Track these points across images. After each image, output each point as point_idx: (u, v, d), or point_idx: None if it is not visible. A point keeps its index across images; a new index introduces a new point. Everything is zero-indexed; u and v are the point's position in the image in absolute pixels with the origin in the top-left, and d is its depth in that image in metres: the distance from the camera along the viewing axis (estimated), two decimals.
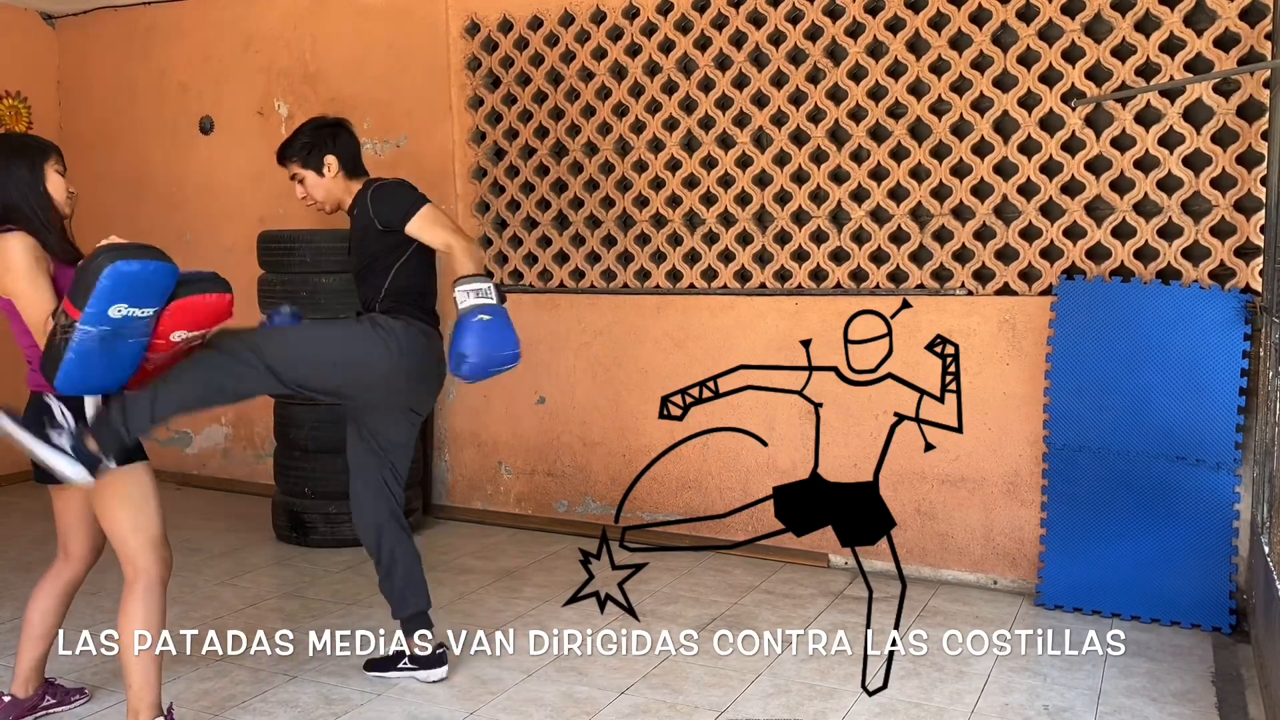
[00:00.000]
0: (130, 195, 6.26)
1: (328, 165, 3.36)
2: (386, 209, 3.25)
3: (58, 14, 6.39)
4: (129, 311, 2.54)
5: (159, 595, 2.83)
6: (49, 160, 2.79)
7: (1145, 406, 3.84)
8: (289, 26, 5.67)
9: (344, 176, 3.39)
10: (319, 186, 3.38)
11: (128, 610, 2.80)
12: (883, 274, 4.40)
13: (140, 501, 2.83)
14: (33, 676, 3.12)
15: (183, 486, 6.18)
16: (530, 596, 4.21)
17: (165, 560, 2.86)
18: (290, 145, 3.40)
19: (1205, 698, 3.26)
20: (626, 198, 4.87)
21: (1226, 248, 3.83)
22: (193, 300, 2.71)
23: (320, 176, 3.37)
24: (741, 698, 3.27)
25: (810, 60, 4.44)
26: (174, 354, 2.82)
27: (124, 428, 2.76)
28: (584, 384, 5.02)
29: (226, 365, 2.98)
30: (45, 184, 2.75)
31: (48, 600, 3.06)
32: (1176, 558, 3.79)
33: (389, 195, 3.28)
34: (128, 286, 2.51)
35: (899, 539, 4.39)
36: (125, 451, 2.78)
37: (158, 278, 2.59)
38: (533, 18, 5.01)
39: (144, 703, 2.84)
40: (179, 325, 2.72)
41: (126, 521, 2.80)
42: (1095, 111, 4.02)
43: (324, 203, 3.41)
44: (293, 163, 3.39)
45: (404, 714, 3.19)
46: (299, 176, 3.39)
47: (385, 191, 3.29)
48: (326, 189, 3.38)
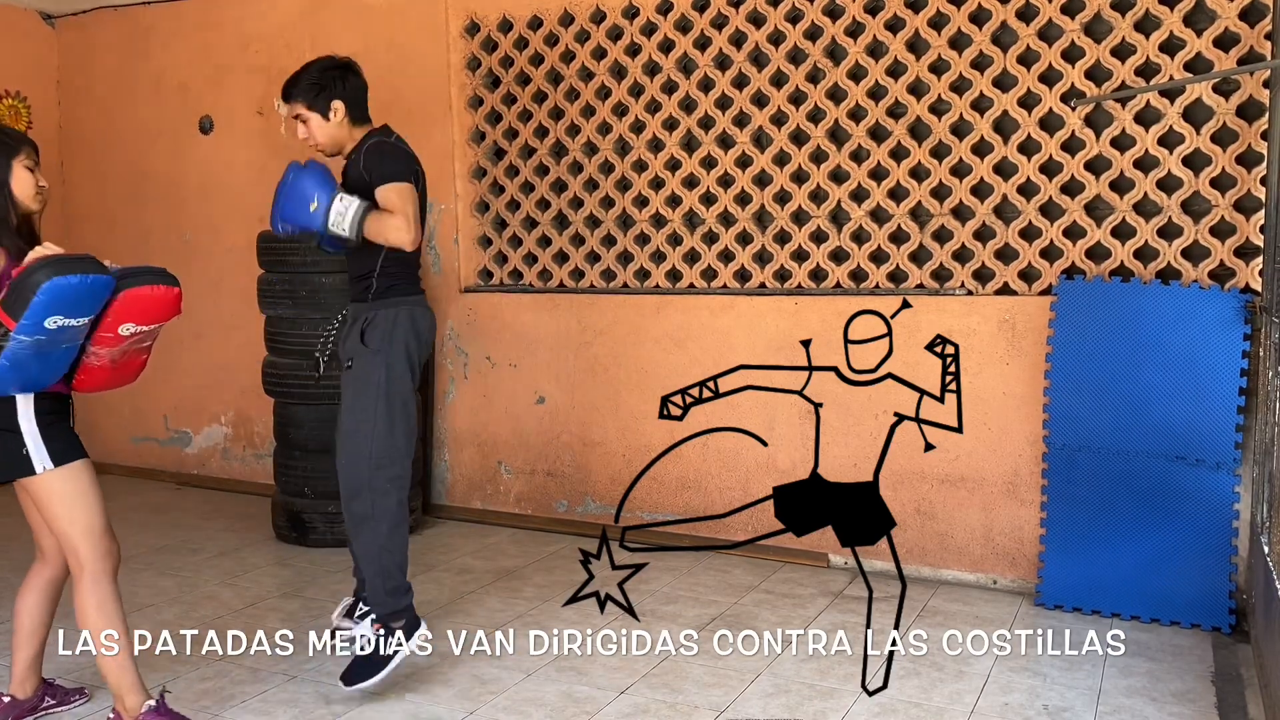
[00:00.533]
0: (130, 195, 6.26)
1: (334, 109, 3.29)
2: (371, 164, 3.22)
3: (57, 14, 6.39)
4: (64, 322, 2.62)
5: (105, 587, 2.87)
6: (18, 156, 2.81)
7: (1145, 406, 3.84)
8: (289, 26, 5.67)
9: (349, 122, 3.33)
10: (322, 129, 3.31)
11: (78, 605, 2.86)
12: (882, 274, 4.40)
13: (75, 496, 2.86)
14: (29, 676, 3.12)
15: (182, 486, 6.18)
16: (530, 596, 4.21)
17: (108, 552, 2.89)
18: (296, 84, 3.30)
19: (1205, 697, 3.26)
20: (626, 197, 4.87)
21: (1226, 248, 3.84)
22: (139, 293, 2.74)
23: (325, 120, 3.30)
24: (741, 697, 3.28)
25: (810, 60, 4.44)
26: (125, 349, 2.85)
27: (403, 628, 3.26)
28: (584, 384, 5.02)
29: (385, 513, 3.28)
30: (9, 179, 2.78)
31: (31, 598, 3.08)
32: (1176, 557, 3.79)
33: (379, 154, 3.25)
34: (64, 300, 2.58)
35: (899, 539, 4.40)
36: (61, 452, 2.84)
37: (94, 289, 2.65)
38: (532, 17, 5.01)
39: (124, 684, 2.89)
40: (128, 318, 2.75)
41: (64, 516, 2.84)
42: (1095, 111, 4.02)
43: (325, 146, 3.35)
44: (297, 103, 3.29)
45: (404, 714, 3.19)
46: (303, 117, 3.31)
47: (377, 150, 3.26)
48: (330, 134, 3.32)
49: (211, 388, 6.14)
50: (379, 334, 3.28)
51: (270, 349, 5.01)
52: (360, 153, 3.27)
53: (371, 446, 3.27)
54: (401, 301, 3.31)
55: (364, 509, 3.28)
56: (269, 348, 5.02)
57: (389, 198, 3.16)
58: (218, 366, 6.07)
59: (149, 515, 5.54)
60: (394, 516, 3.29)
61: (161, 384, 6.31)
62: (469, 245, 5.28)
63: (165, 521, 5.39)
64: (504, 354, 5.16)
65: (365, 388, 3.28)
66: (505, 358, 5.16)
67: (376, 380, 3.27)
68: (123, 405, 6.46)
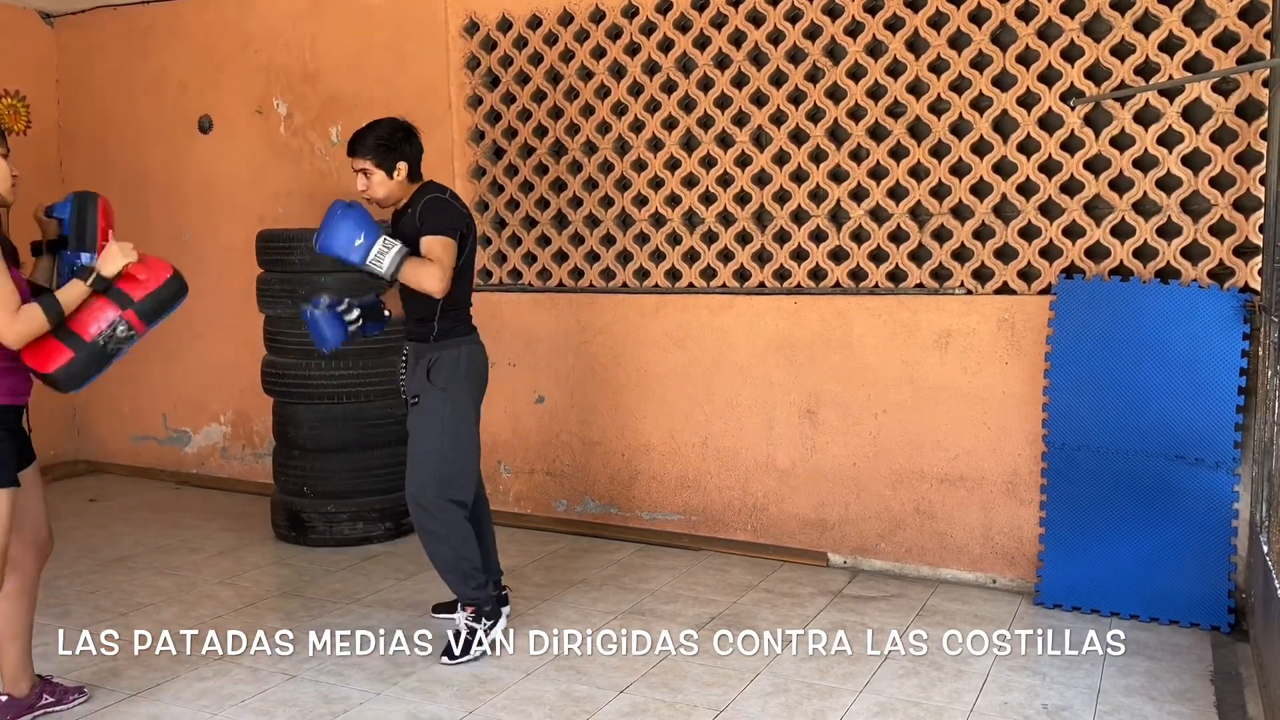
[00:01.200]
0: (129, 194, 6.25)
1: (399, 170, 3.53)
2: (425, 216, 3.49)
3: (57, 13, 6.39)
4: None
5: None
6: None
7: (1144, 405, 3.84)
8: (288, 25, 5.66)
9: (407, 180, 3.57)
10: (384, 185, 3.54)
11: None
12: (882, 273, 4.40)
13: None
14: (21, 675, 3.12)
15: (181, 485, 6.18)
16: (529, 596, 4.21)
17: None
18: (365, 140, 3.53)
19: (1204, 696, 3.26)
20: (625, 197, 4.87)
21: (1225, 247, 3.84)
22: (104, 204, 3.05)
23: (389, 178, 3.53)
24: (740, 697, 3.27)
25: (809, 59, 4.44)
26: None
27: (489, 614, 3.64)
28: (583, 383, 5.02)
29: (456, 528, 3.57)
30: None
31: (5, 605, 3.05)
32: (1175, 557, 3.80)
33: (432, 209, 3.51)
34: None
35: (899, 538, 4.40)
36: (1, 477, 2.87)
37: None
38: (532, 16, 5.01)
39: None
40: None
41: None
42: (1094, 111, 4.02)
43: (383, 200, 3.57)
44: (365, 159, 3.52)
45: (404, 713, 3.19)
46: (367, 172, 3.53)
47: (431, 205, 3.52)
48: (390, 189, 3.55)
49: (211, 387, 6.14)
50: (445, 373, 3.57)
51: (269, 348, 5.01)
52: (417, 207, 3.52)
53: (439, 472, 3.54)
54: (462, 342, 3.63)
55: (437, 527, 3.57)
56: (268, 347, 5.02)
57: (432, 247, 3.44)
58: (217, 366, 6.07)
59: (148, 514, 5.55)
60: (464, 529, 3.59)
61: (161, 383, 6.31)
62: None
63: (164, 521, 5.39)
64: (503, 353, 5.15)
65: (431, 420, 3.57)
66: (504, 357, 5.16)
67: (442, 415, 3.56)
68: (122, 404, 6.47)
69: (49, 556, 3.17)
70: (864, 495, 4.45)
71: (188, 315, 3.31)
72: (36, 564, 3.10)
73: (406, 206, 3.60)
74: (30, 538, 3.07)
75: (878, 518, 4.44)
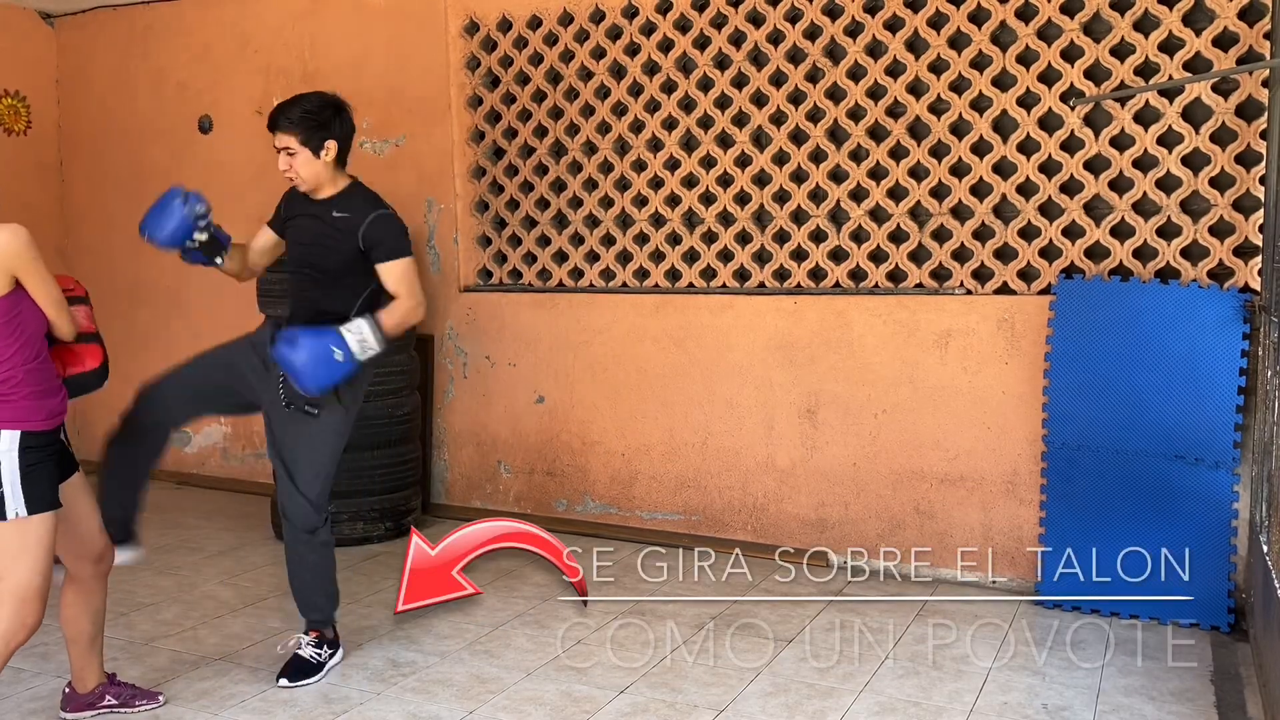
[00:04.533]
0: (129, 194, 6.24)
1: (327, 149, 3.23)
2: (379, 237, 3.22)
3: (57, 13, 6.39)
4: None
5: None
6: None
7: (1144, 405, 3.84)
8: (288, 25, 5.66)
9: (335, 164, 3.28)
10: (309, 166, 3.23)
11: None
12: (882, 273, 4.40)
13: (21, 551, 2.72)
14: (86, 672, 3.11)
15: (182, 485, 6.17)
16: (529, 595, 4.21)
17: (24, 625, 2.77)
18: (290, 114, 3.20)
19: (1204, 696, 3.26)
20: (625, 197, 4.87)
21: (1225, 247, 3.84)
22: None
23: (315, 157, 3.23)
24: (740, 697, 3.28)
25: (809, 59, 4.44)
26: None
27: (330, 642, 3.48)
28: (583, 383, 5.02)
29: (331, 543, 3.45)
30: None
31: (68, 611, 3.05)
32: (1175, 557, 3.79)
33: (389, 229, 3.25)
34: None
35: (899, 538, 4.40)
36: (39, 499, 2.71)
37: None
38: (532, 17, 5.01)
39: None
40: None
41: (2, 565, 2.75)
42: (1094, 111, 4.02)
43: (305, 182, 3.27)
44: (289, 134, 3.20)
45: (403, 713, 3.19)
46: (291, 150, 3.21)
47: (387, 224, 3.25)
48: (315, 171, 3.25)
49: None
50: (355, 388, 3.32)
51: None
52: (359, 217, 3.23)
53: (324, 493, 3.37)
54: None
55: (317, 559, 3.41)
56: None
57: (404, 273, 3.22)
58: None
59: (148, 514, 5.45)
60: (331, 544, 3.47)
61: None
62: (468, 245, 5.28)
63: (164, 521, 5.39)
64: (503, 353, 5.16)
65: (328, 437, 3.31)
66: (504, 357, 5.16)
67: (340, 431, 3.33)
68: (122, 404, 6.45)
69: (111, 562, 3.11)
70: (864, 495, 4.45)
71: (188, 316, 3.31)
72: (96, 573, 3.04)
73: (332, 201, 3.27)
74: (85, 549, 2.99)
75: (878, 518, 4.44)
